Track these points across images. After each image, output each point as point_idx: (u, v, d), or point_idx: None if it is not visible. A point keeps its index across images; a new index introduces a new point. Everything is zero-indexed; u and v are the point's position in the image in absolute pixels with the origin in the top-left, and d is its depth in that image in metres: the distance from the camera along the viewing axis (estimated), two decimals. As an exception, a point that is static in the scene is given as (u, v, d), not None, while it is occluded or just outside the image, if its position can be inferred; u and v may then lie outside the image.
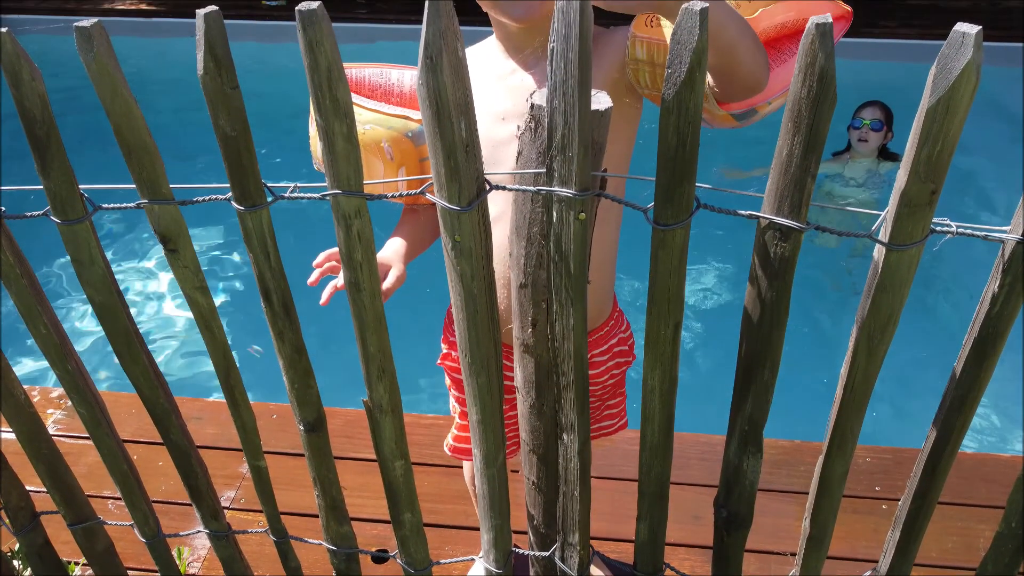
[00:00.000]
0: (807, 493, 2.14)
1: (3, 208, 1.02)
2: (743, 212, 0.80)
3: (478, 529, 2.05)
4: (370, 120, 1.26)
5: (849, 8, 1.26)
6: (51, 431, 2.34)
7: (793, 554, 1.95)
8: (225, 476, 2.22)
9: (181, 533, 1.45)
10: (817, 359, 2.96)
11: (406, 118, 1.27)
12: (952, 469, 0.96)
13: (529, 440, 1.07)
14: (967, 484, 2.09)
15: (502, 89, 1.24)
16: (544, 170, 0.82)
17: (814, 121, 0.71)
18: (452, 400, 1.63)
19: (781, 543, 1.97)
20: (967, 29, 0.64)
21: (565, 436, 1.02)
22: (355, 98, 1.26)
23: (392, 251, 1.35)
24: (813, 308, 3.33)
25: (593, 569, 1.77)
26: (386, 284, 1.27)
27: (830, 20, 0.67)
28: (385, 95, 1.30)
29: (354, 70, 1.30)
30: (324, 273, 1.25)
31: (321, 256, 1.26)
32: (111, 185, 0.98)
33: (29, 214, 1.00)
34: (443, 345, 1.55)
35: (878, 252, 0.79)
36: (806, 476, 2.14)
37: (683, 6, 0.69)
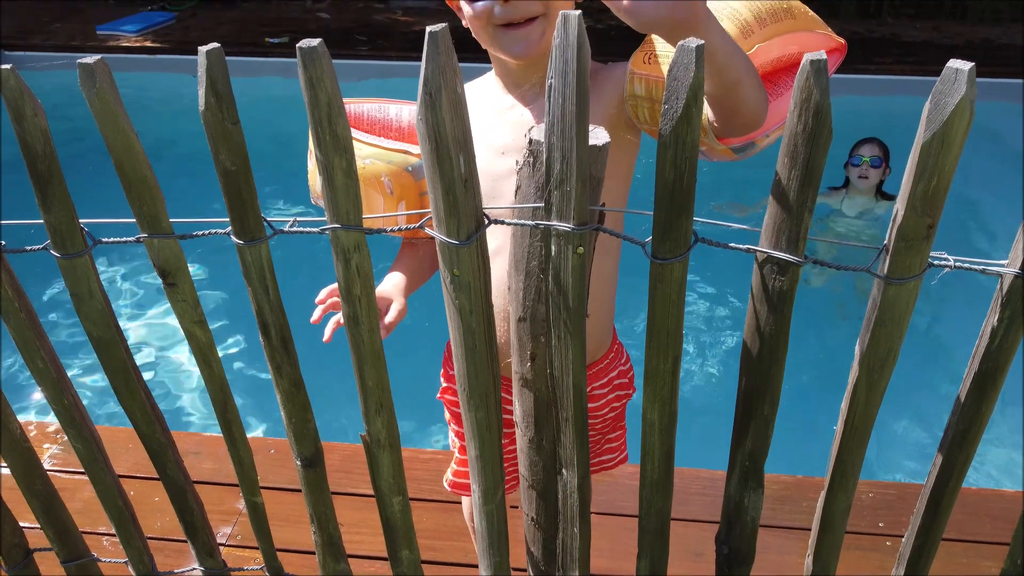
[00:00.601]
0: (809, 529, 2.11)
1: (3, 242, 1.02)
2: (741, 246, 0.80)
3: (477, 566, 2.03)
4: (370, 155, 1.27)
5: (843, 40, 1.28)
6: (47, 465, 2.32)
7: (796, 592, 1.92)
8: (221, 512, 2.19)
9: (176, 571, 1.43)
10: (817, 392, 2.95)
11: (406, 152, 1.28)
12: (956, 505, 0.95)
13: (528, 475, 1.06)
14: (972, 520, 2.07)
15: (502, 124, 1.25)
16: (543, 204, 0.82)
17: (810, 156, 0.72)
18: (452, 435, 1.62)
19: (785, 580, 1.94)
20: (960, 66, 0.65)
21: (564, 471, 1.01)
22: (355, 133, 1.27)
23: (392, 285, 1.35)
24: (812, 341, 3.33)
25: (594, 607, 1.74)
26: (388, 318, 1.27)
27: (824, 57, 0.68)
28: (384, 130, 1.31)
29: (353, 105, 1.32)
30: (327, 310, 1.25)
31: (323, 292, 1.25)
32: (111, 219, 0.98)
33: (29, 248, 1.01)
34: (442, 379, 1.55)
35: (876, 286, 0.79)
36: (809, 512, 2.12)
37: (680, 43, 0.70)
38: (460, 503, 1.99)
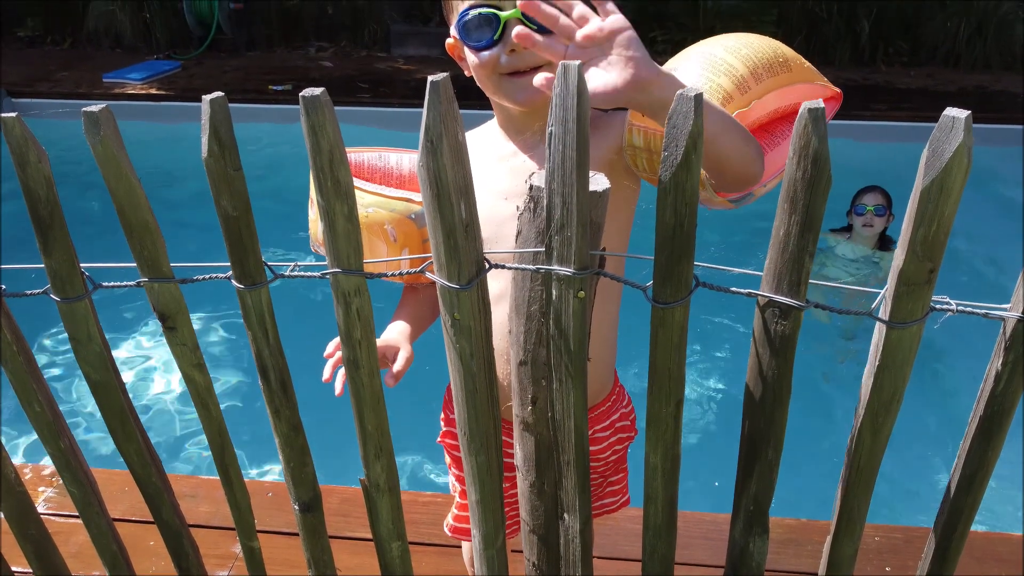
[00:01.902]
0: (815, 574, 2.08)
1: (3, 286, 1.02)
2: (742, 291, 0.80)
3: (477, 612, 1.99)
4: (372, 203, 1.27)
5: (838, 90, 1.30)
6: (42, 509, 2.29)
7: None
8: (217, 556, 2.16)
9: (170, 617, 1.40)
10: (820, 435, 2.93)
11: (408, 200, 1.29)
12: (963, 549, 0.94)
13: (529, 520, 1.05)
14: (978, 564, 2.04)
15: (504, 170, 1.26)
16: (543, 249, 0.83)
17: (810, 202, 0.72)
18: (452, 478, 1.60)
19: (791, 626, 1.90)
20: (957, 114, 0.65)
21: (566, 516, 1.00)
22: (357, 182, 1.28)
23: (398, 332, 1.35)
24: (814, 383, 3.31)
25: (596, 655, 1.71)
26: (397, 366, 1.26)
27: (822, 105, 0.68)
28: (384, 178, 1.32)
29: (353, 155, 1.32)
30: (337, 364, 1.24)
31: (330, 346, 1.24)
32: (112, 264, 0.98)
33: (29, 292, 1.01)
34: (442, 423, 1.54)
35: (878, 331, 0.78)
36: (814, 556, 2.09)
37: (678, 92, 0.70)
38: (460, 547, 1.97)
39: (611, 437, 1.46)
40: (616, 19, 0.97)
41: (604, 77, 0.98)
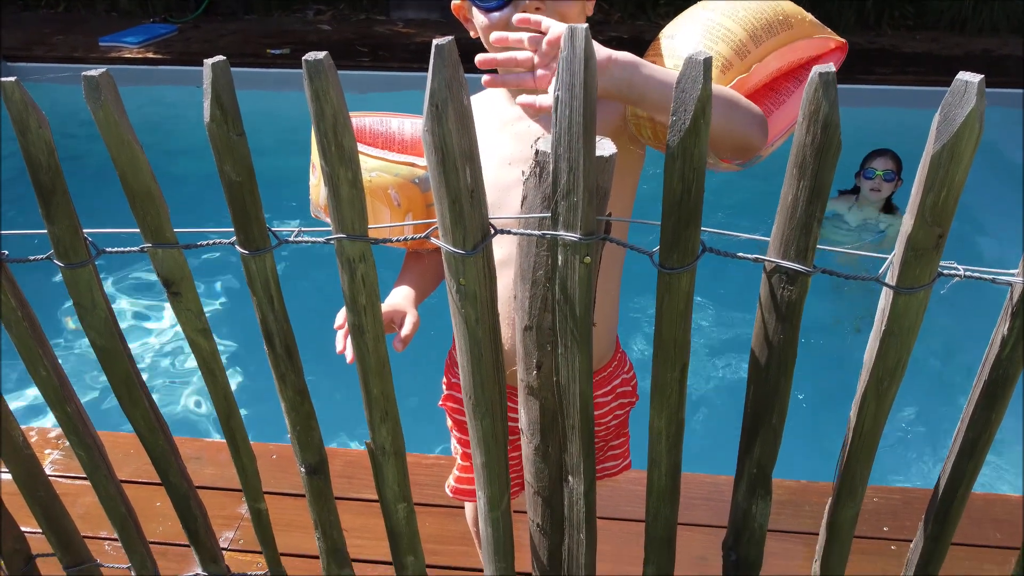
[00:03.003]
0: (813, 534, 2.11)
1: (6, 252, 1.02)
2: (749, 256, 0.80)
3: (480, 571, 2.03)
4: (376, 167, 1.26)
5: (842, 40, 1.27)
6: (48, 471, 2.31)
7: (800, 596, 1.92)
8: (224, 517, 2.19)
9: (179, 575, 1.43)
10: (821, 398, 2.95)
11: (412, 165, 1.28)
12: (962, 511, 0.95)
13: (534, 483, 1.06)
14: (976, 525, 2.07)
15: (508, 135, 1.25)
16: (549, 215, 0.82)
17: (819, 169, 0.71)
18: (454, 441, 1.61)
19: (788, 584, 1.94)
20: (970, 78, 0.65)
21: (571, 479, 1.01)
22: (360, 147, 1.27)
23: (403, 297, 1.35)
24: (813, 348, 3.32)
25: (598, 613, 1.75)
26: (405, 331, 1.27)
27: (833, 69, 0.67)
28: (387, 143, 1.31)
29: (355, 119, 1.31)
30: (348, 334, 1.24)
31: (339, 317, 1.24)
32: (115, 229, 0.98)
33: (32, 258, 1.00)
34: (444, 386, 1.54)
35: (885, 297, 0.78)
36: (812, 516, 2.12)
37: (687, 57, 0.69)
38: (463, 508, 1.99)
39: (613, 402, 1.47)
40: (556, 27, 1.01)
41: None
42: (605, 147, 0.79)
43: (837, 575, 1.04)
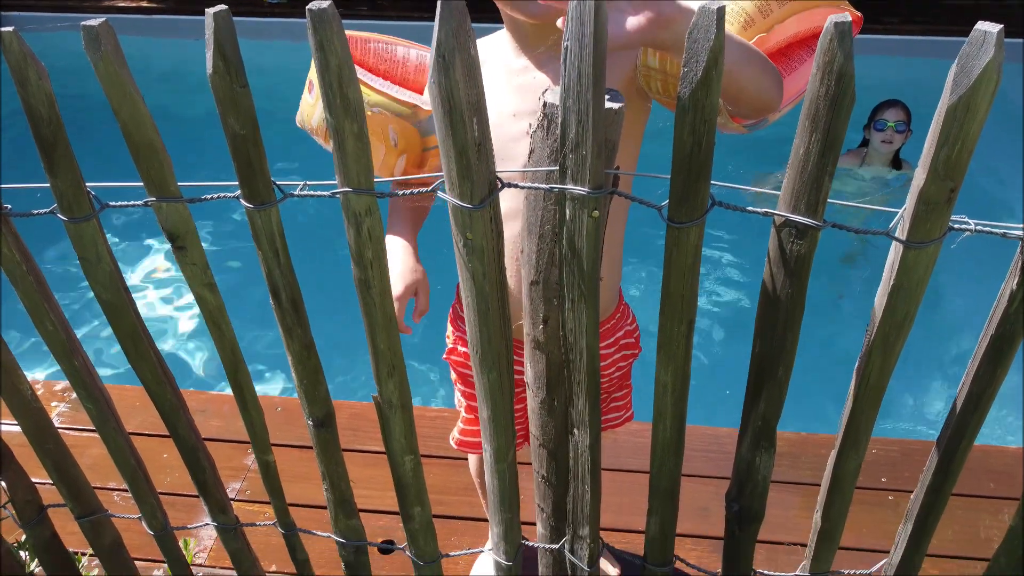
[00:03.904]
0: (813, 485, 2.14)
1: (9, 206, 1.01)
2: (758, 210, 0.79)
3: (484, 520, 2.06)
4: (378, 103, 1.24)
5: (859, 14, 1.26)
6: (55, 423, 2.34)
7: (799, 544, 1.95)
8: (230, 468, 2.22)
9: (189, 526, 1.45)
10: (819, 351, 2.96)
11: (416, 107, 1.26)
12: (962, 463, 0.96)
13: (539, 435, 1.07)
14: (972, 476, 2.10)
15: (514, 86, 1.23)
16: (557, 168, 0.81)
17: (832, 121, 0.70)
18: (457, 394, 1.63)
19: (788, 534, 1.97)
20: (989, 28, 0.63)
21: (576, 431, 1.02)
22: (365, 76, 1.25)
23: (412, 258, 1.38)
24: (812, 300, 3.32)
25: (601, 561, 1.78)
26: (424, 306, 1.35)
27: (849, 19, 0.66)
28: (389, 70, 1.28)
29: (359, 39, 1.29)
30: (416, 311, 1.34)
31: (397, 288, 1.31)
32: (118, 183, 0.97)
33: (35, 212, 1.00)
34: (448, 340, 1.55)
35: (894, 251, 0.78)
36: (812, 468, 2.15)
37: (699, 5, 0.68)
38: (467, 459, 2.02)
39: (616, 354, 1.48)
40: None
41: (625, 17, 0.95)
42: (614, 99, 0.78)
43: (838, 524, 1.06)
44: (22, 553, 1.82)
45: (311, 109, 1.31)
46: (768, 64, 1.08)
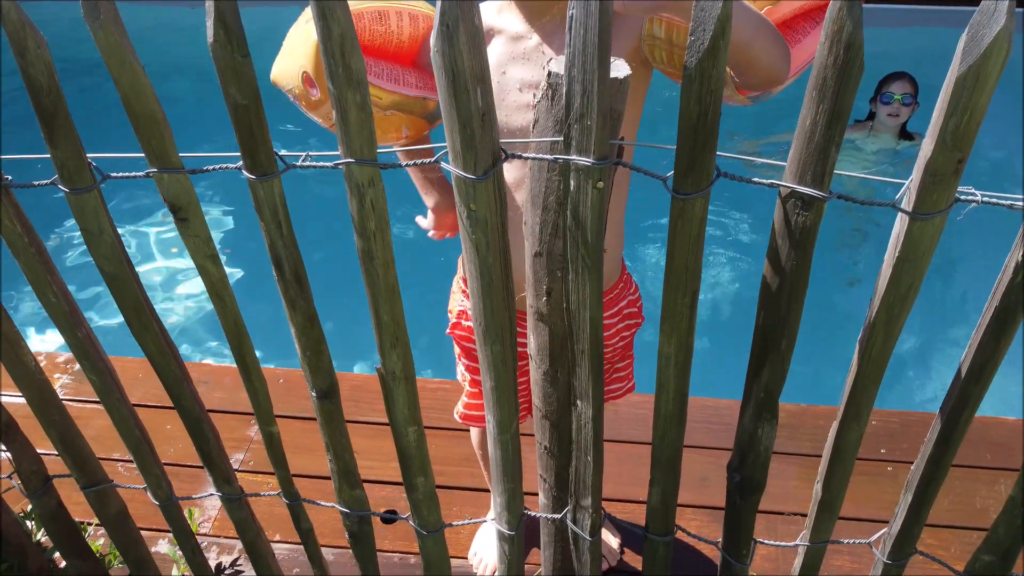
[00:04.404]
0: (812, 456, 2.16)
1: (9, 177, 1.01)
2: (764, 181, 0.79)
3: (485, 491, 2.08)
4: (391, 105, 1.25)
5: None
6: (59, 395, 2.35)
7: (798, 514, 1.97)
8: (234, 439, 2.23)
9: (193, 496, 1.46)
10: (819, 323, 2.97)
11: (425, 99, 1.27)
12: (962, 434, 0.96)
13: (542, 406, 1.07)
14: (971, 447, 2.11)
15: (518, 56, 1.22)
16: (561, 139, 0.81)
17: (840, 91, 0.70)
18: (461, 368, 1.63)
19: (787, 505, 1.99)
20: (1000, -5, 0.62)
21: (579, 403, 1.02)
22: (374, 79, 1.24)
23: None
24: (814, 272, 3.32)
25: (602, 531, 1.80)
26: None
27: (859, -15, 0.65)
28: (384, 44, 1.27)
29: (352, 15, 1.28)
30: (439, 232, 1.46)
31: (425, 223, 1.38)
32: (120, 154, 0.96)
33: (36, 183, 0.99)
34: (451, 315, 1.55)
35: (900, 223, 0.78)
36: (811, 439, 2.16)
37: (708, -29, 0.67)
38: (468, 431, 2.03)
39: (619, 324, 1.48)
40: None
41: None
42: (619, 68, 0.77)
43: (839, 495, 1.06)
44: (28, 523, 1.84)
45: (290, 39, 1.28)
46: (778, 35, 1.08)
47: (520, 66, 1.22)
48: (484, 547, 1.90)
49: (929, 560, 1.13)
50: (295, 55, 1.23)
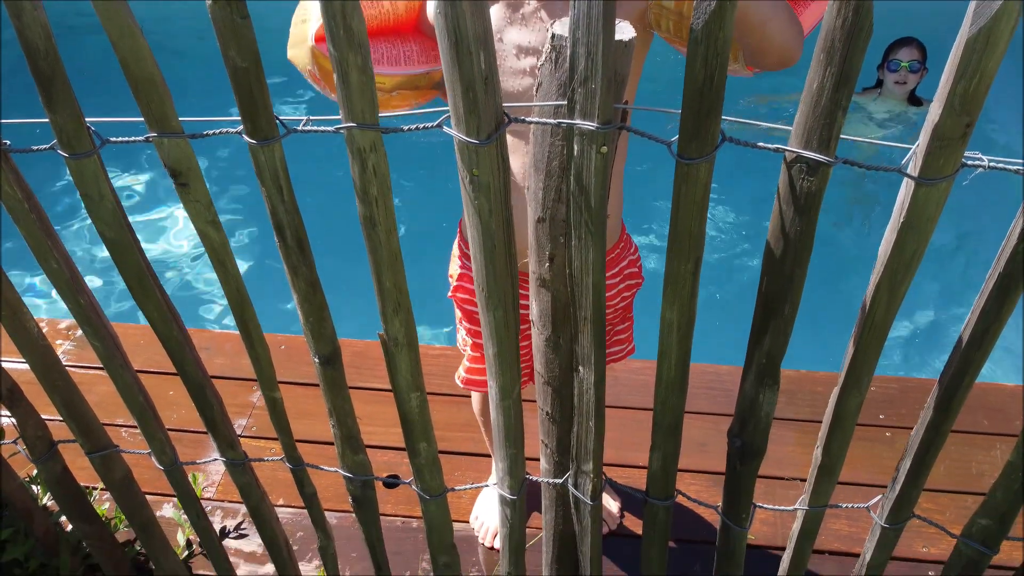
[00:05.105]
0: (809, 421, 2.17)
1: (8, 142, 1.00)
2: (769, 146, 0.78)
3: (486, 456, 2.10)
4: (396, 86, 1.24)
5: None
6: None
7: (796, 479, 1.99)
8: (236, 405, 2.24)
9: (197, 461, 1.47)
10: (818, 288, 2.97)
11: (429, 73, 1.26)
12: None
13: (544, 372, 1.08)
14: (968, 412, 2.12)
15: (520, 19, 1.21)
16: (565, 103, 0.80)
17: (848, 54, 0.69)
18: (462, 332, 1.63)
19: (785, 470, 2.01)
20: (1013, -45, 0.61)
21: (581, 369, 1.02)
22: (377, 69, 1.23)
23: None
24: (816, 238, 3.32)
25: (604, 495, 1.82)
26: None
27: (870, -54, 0.64)
28: (382, 24, 1.26)
29: None
30: None
31: None
32: (119, 118, 0.95)
33: (35, 148, 0.98)
34: (452, 279, 1.55)
35: (905, 188, 0.77)
36: (810, 405, 2.18)
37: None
38: (469, 397, 2.04)
39: (620, 284, 1.49)
40: None
41: None
42: (624, 31, 0.76)
43: (838, 460, 1.07)
44: (34, 487, 1.85)
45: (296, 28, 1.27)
46: (794, 17, 1.07)
47: (517, 31, 1.20)
48: (485, 511, 1.92)
49: (926, 524, 1.14)
50: (309, 22, 1.22)
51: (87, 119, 0.95)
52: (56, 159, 0.98)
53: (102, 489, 1.96)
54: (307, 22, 1.20)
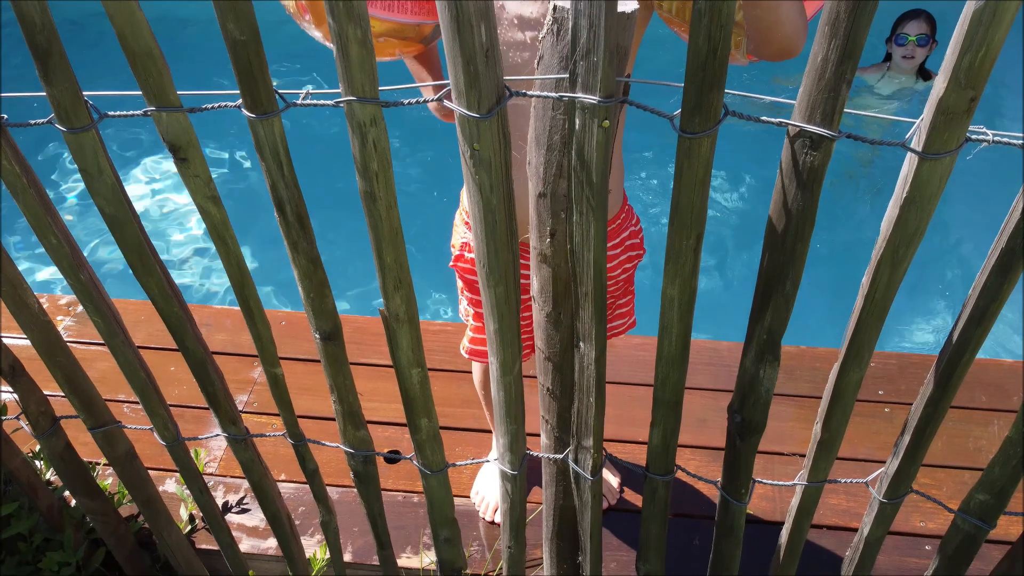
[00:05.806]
0: (808, 397, 2.18)
1: (5, 116, 0.99)
2: (772, 120, 0.78)
3: (486, 432, 2.11)
4: (385, 32, 1.22)
5: None
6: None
7: (795, 455, 2.00)
8: (237, 381, 2.25)
9: (200, 437, 1.48)
10: (818, 265, 2.97)
11: (420, 25, 1.24)
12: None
13: (545, 348, 1.08)
14: (966, 388, 2.13)
15: None
16: (567, 76, 0.79)
17: (853, 27, 0.68)
18: (464, 303, 1.63)
19: (784, 445, 2.02)
20: (1022, -75, 0.60)
21: (582, 344, 1.02)
22: (371, 11, 1.22)
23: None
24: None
25: (604, 471, 1.83)
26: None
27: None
28: None
29: None
30: None
31: None
32: (117, 92, 0.95)
33: (33, 122, 0.98)
34: (453, 249, 1.54)
35: (909, 163, 0.77)
36: (809, 381, 2.18)
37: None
38: (470, 373, 2.05)
39: (621, 255, 1.48)
40: None
41: None
42: (626, 3, 0.75)
43: (838, 435, 1.08)
44: (37, 463, 1.87)
45: None
46: (803, 8, 1.06)
47: (519, 2, 1.19)
48: (486, 486, 1.94)
49: (924, 499, 1.15)
50: None
51: (85, 93, 0.95)
52: (55, 133, 0.97)
53: (105, 464, 1.97)
54: None
